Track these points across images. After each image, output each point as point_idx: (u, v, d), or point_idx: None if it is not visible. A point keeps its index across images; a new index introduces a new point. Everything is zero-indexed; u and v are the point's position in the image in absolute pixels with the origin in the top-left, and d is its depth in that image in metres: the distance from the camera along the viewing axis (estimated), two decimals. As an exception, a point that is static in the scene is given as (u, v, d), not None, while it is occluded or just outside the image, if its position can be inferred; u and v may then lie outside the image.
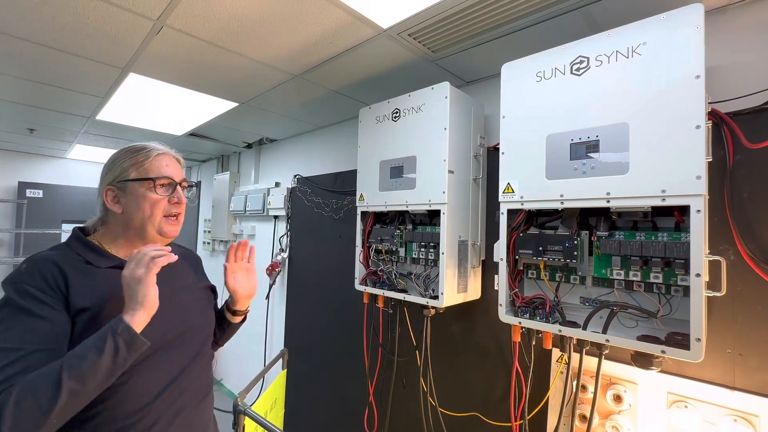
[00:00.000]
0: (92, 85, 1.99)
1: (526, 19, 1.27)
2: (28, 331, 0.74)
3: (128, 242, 0.94)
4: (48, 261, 0.82)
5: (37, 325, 0.75)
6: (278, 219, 3.00)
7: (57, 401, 0.67)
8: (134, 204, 0.91)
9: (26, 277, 0.79)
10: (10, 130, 3.11)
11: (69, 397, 0.69)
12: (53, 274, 0.80)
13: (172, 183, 0.95)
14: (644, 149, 0.96)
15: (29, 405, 0.67)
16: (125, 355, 0.74)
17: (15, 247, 3.95)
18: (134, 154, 0.94)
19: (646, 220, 1.05)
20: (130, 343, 0.75)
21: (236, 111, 2.35)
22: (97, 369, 0.71)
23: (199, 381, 0.98)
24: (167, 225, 0.94)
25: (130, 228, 0.93)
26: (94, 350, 0.72)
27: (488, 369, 1.61)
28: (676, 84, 0.93)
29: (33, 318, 0.75)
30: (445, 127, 1.41)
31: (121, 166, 0.93)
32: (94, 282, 0.84)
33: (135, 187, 0.91)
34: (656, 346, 0.94)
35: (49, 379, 0.68)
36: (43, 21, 1.37)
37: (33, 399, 0.67)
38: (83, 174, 4.50)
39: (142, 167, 0.92)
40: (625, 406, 1.19)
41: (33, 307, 0.76)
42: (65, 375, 0.68)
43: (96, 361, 0.71)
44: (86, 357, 0.71)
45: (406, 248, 1.63)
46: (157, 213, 0.92)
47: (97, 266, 0.87)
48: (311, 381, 2.48)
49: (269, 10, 1.26)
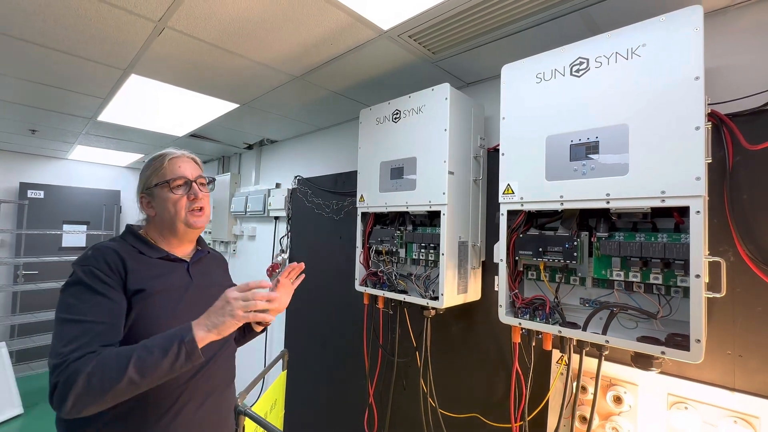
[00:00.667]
0: (94, 87, 2.00)
1: (525, 21, 1.28)
2: (94, 305, 0.87)
3: (166, 239, 1.07)
4: (110, 249, 0.95)
5: (101, 301, 0.87)
6: (279, 220, 3.01)
7: (117, 384, 0.76)
8: (161, 206, 1.04)
9: (93, 261, 0.91)
10: (12, 131, 3.12)
11: (127, 385, 0.77)
12: (114, 260, 0.93)
13: (187, 182, 1.05)
14: (644, 150, 0.97)
15: (97, 380, 0.76)
16: (183, 363, 0.82)
17: (16, 248, 3.95)
18: (153, 162, 1.07)
19: (646, 221, 1.05)
20: (190, 354, 0.82)
21: (237, 112, 2.35)
22: (157, 367, 0.79)
23: (225, 369, 1.08)
24: (192, 217, 1.05)
25: (164, 226, 1.05)
26: (160, 349, 0.80)
27: (488, 370, 1.61)
28: (675, 85, 0.93)
29: (97, 296, 0.88)
30: (445, 129, 1.41)
31: (146, 175, 1.07)
32: (147, 269, 0.97)
33: (158, 192, 1.04)
34: (656, 347, 0.94)
35: (118, 363, 0.78)
36: (45, 23, 1.38)
37: (101, 376, 0.77)
38: (84, 175, 4.51)
39: (160, 172, 1.05)
40: (625, 408, 1.19)
41: (98, 286, 0.88)
42: (132, 364, 0.78)
43: (159, 360, 0.79)
44: (152, 353, 0.80)
45: (406, 249, 1.63)
46: (180, 210, 1.03)
47: (149, 256, 1.00)
48: (311, 382, 2.48)
49: (270, 12, 1.27)
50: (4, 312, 3.94)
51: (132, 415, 0.90)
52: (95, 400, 0.77)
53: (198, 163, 1.13)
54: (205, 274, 1.12)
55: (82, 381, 0.75)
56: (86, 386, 0.76)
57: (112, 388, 0.76)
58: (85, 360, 0.78)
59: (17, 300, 3.89)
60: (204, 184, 1.11)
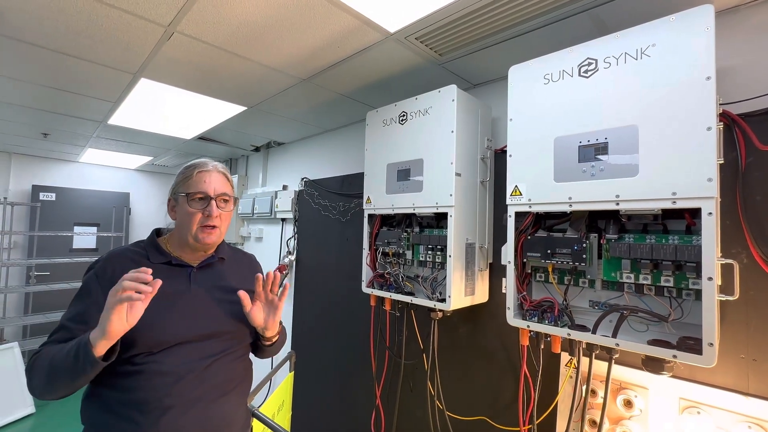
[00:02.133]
0: (105, 90, 2.03)
1: (533, 22, 1.27)
2: (78, 313, 0.94)
3: (180, 245, 1.08)
4: (116, 255, 1.02)
5: (82, 311, 0.94)
6: (286, 222, 3.02)
7: (44, 384, 0.88)
8: (181, 214, 1.06)
9: (97, 268, 0.98)
10: (25, 135, 3.18)
11: (51, 384, 0.87)
12: (113, 268, 0.97)
13: (205, 197, 1.05)
14: (654, 151, 0.96)
15: (35, 379, 0.89)
16: (83, 368, 0.83)
17: (29, 249, 4.02)
18: (185, 170, 1.08)
19: (657, 223, 1.04)
20: (92, 363, 0.83)
21: (244, 115, 2.37)
22: (66, 370, 0.85)
23: (223, 377, 1.02)
24: (201, 233, 1.04)
25: (181, 234, 1.07)
26: (67, 354, 0.85)
27: (496, 372, 1.60)
28: (686, 85, 0.92)
29: (83, 303, 0.95)
30: (452, 130, 1.41)
31: (176, 181, 1.09)
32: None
33: (181, 200, 1.06)
34: (667, 350, 0.93)
35: (42, 365, 0.87)
36: (58, 28, 1.40)
37: (36, 375, 0.88)
38: (95, 177, 4.57)
39: (187, 182, 1.06)
40: (635, 412, 1.17)
41: (87, 295, 0.95)
42: (48, 367, 0.86)
43: (68, 365, 0.84)
44: (65, 358, 0.85)
45: (413, 251, 1.63)
46: (192, 224, 1.04)
47: (151, 261, 1.03)
48: (318, 383, 2.49)
49: (278, 16, 1.28)
50: (17, 312, 4.01)
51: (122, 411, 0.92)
52: (41, 393, 0.90)
53: (228, 179, 1.12)
54: (212, 278, 1.09)
55: (28, 380, 0.91)
56: (29, 383, 0.91)
57: (41, 386, 0.89)
58: (36, 358, 0.90)
59: (29, 301, 3.95)
60: (226, 200, 1.09)
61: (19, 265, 3.96)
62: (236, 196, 1.14)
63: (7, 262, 3.62)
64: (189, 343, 0.98)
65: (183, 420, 0.93)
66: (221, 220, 1.07)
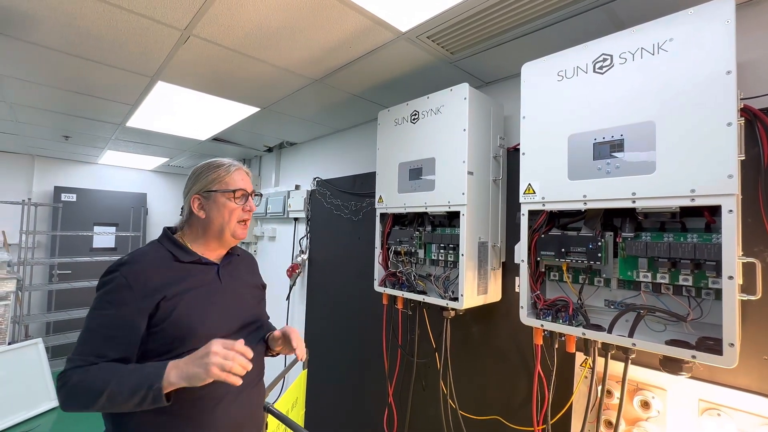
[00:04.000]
0: (123, 94, 2.09)
1: (547, 18, 1.26)
2: (106, 317, 0.92)
3: (206, 242, 1.10)
4: (144, 256, 1.00)
5: (112, 315, 0.92)
6: (298, 221, 3.05)
7: (90, 408, 0.86)
8: (216, 211, 1.07)
9: (124, 270, 0.95)
10: (48, 138, 3.28)
11: (101, 409, 0.86)
12: (146, 267, 0.97)
13: (245, 194, 1.11)
14: (672, 148, 0.94)
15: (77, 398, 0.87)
16: (149, 405, 0.85)
17: (51, 249, 4.15)
18: (216, 169, 1.10)
19: (675, 221, 1.02)
20: (156, 399, 0.85)
21: (258, 116, 2.40)
22: (124, 404, 0.85)
23: (255, 366, 1.07)
24: (239, 229, 1.10)
25: (209, 231, 1.09)
26: (129, 390, 0.84)
27: (509, 372, 1.59)
28: (705, 80, 0.90)
29: (112, 308, 0.92)
30: (464, 129, 1.41)
31: (207, 179, 1.09)
32: (176, 274, 1.01)
33: (217, 197, 1.08)
34: (686, 350, 0.91)
35: (93, 388, 0.85)
36: (79, 34, 1.45)
37: (79, 395, 0.86)
38: (113, 178, 4.69)
39: (223, 180, 1.09)
40: (653, 413, 1.15)
41: (115, 298, 0.93)
42: (105, 395, 0.84)
43: (127, 399, 0.85)
44: (122, 393, 0.84)
45: (425, 250, 1.63)
46: (233, 219, 1.08)
47: (182, 261, 1.04)
48: (331, 381, 2.51)
49: (291, 18, 1.29)
50: (40, 310, 4.14)
51: (172, 407, 0.92)
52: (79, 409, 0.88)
53: (251, 177, 1.18)
54: (234, 276, 1.15)
55: (63, 396, 0.88)
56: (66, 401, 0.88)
57: (88, 407, 0.87)
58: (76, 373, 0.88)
59: (52, 298, 4.08)
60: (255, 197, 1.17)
61: (43, 264, 4.09)
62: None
63: (31, 261, 3.75)
64: (229, 336, 1.02)
65: (234, 407, 1.01)
66: (251, 215, 1.15)
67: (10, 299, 3.18)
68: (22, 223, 3.70)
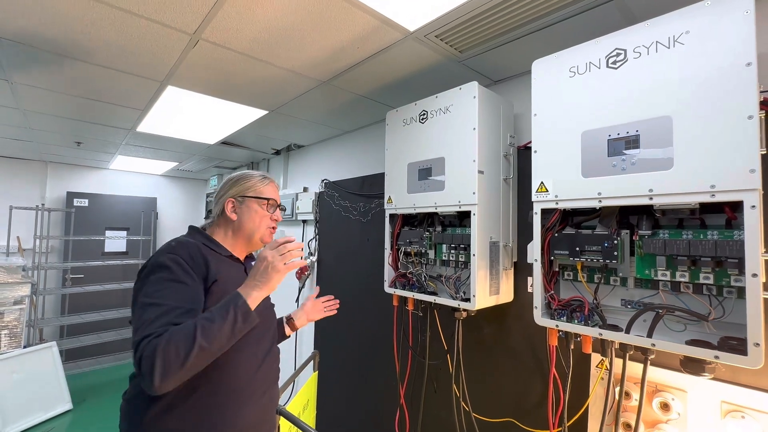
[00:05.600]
0: (133, 99, 2.11)
1: (557, 14, 1.24)
2: (175, 291, 0.94)
3: (234, 243, 1.17)
4: (191, 242, 1.05)
5: (181, 288, 0.95)
6: (307, 223, 3.06)
7: (191, 352, 0.83)
8: (248, 215, 1.15)
9: (178, 250, 1.01)
10: (60, 144, 3.33)
11: (199, 351, 0.84)
12: (195, 253, 1.02)
13: (275, 204, 1.21)
14: (690, 143, 0.91)
15: (172, 351, 0.82)
16: (241, 325, 0.91)
17: (64, 253, 4.21)
18: (252, 178, 1.20)
19: (694, 218, 0.99)
20: (246, 316, 0.92)
21: (265, 118, 2.41)
22: (220, 332, 0.87)
23: (276, 366, 1.19)
24: (267, 235, 1.19)
25: (239, 233, 1.16)
26: (219, 316, 0.89)
27: (522, 373, 1.56)
28: (724, 73, 0.88)
29: (178, 283, 0.96)
30: (474, 128, 1.39)
31: (243, 185, 1.17)
32: (220, 263, 1.08)
33: (251, 203, 1.16)
34: (709, 351, 0.88)
35: (186, 334, 0.85)
36: (92, 41, 1.46)
37: (175, 347, 0.83)
38: (124, 183, 4.75)
39: (258, 189, 1.18)
40: (673, 415, 1.13)
41: (180, 274, 0.97)
42: (198, 332, 0.85)
43: (221, 325, 0.88)
44: (214, 321, 0.88)
45: (435, 250, 1.61)
46: (263, 225, 1.17)
47: (219, 253, 1.11)
48: (342, 383, 2.50)
49: (299, 19, 1.29)
50: (54, 313, 4.20)
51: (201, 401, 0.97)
52: (176, 370, 0.82)
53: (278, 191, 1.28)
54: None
55: (161, 353, 0.81)
56: (164, 357, 0.81)
57: (187, 355, 0.82)
58: (158, 338, 0.84)
59: (66, 302, 4.14)
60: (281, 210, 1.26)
61: (56, 269, 4.15)
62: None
63: (45, 265, 3.81)
64: (255, 330, 1.06)
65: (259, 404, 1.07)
66: (277, 224, 1.24)
67: (25, 303, 3.23)
68: (36, 228, 3.76)
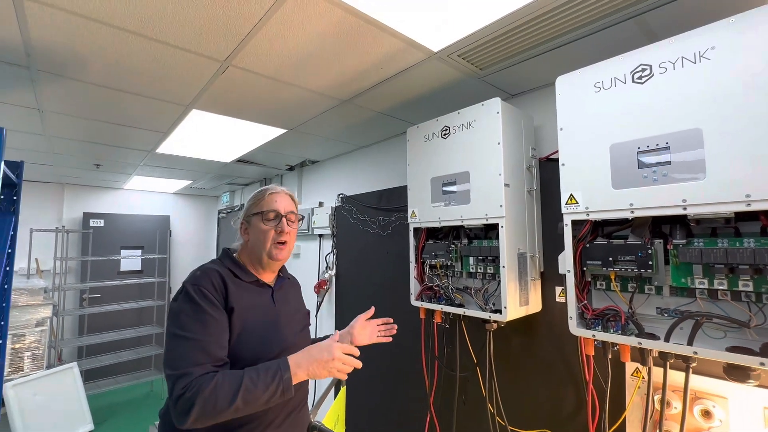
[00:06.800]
0: (157, 123, 2.17)
1: (577, 32, 1.28)
2: (204, 324, 0.96)
3: (254, 265, 1.15)
4: (214, 271, 1.05)
5: (208, 320, 0.96)
6: (323, 237, 3.09)
7: (227, 410, 0.87)
8: (254, 234, 1.13)
9: (202, 281, 1.01)
10: (80, 167, 3.41)
11: (233, 411, 0.88)
12: (218, 282, 1.02)
13: (277, 215, 1.14)
14: (722, 153, 0.94)
15: (211, 403, 0.86)
16: (278, 398, 0.92)
17: (82, 274, 4.26)
18: (256, 194, 1.18)
19: (728, 227, 1.01)
20: (285, 391, 0.92)
21: (283, 136, 2.46)
22: (258, 399, 0.89)
23: (303, 388, 1.16)
24: (274, 250, 1.13)
25: (253, 254, 1.14)
26: (263, 383, 0.90)
27: (554, 383, 1.57)
28: (755, 84, 0.90)
29: (206, 315, 0.97)
30: (498, 142, 1.43)
31: (250, 204, 1.17)
32: (241, 291, 1.07)
33: (254, 220, 1.14)
34: (753, 357, 0.89)
35: (229, 390, 0.87)
36: (123, 70, 1.52)
37: (214, 400, 0.86)
38: (138, 203, 4.82)
39: (259, 204, 1.15)
40: (715, 423, 1.13)
41: (206, 306, 0.97)
42: (240, 395, 0.87)
43: (261, 393, 0.89)
44: (257, 386, 0.89)
45: (462, 262, 1.63)
46: (267, 240, 1.12)
47: (242, 279, 1.09)
48: (369, 398, 2.49)
49: (329, 44, 1.34)
50: (72, 334, 4.23)
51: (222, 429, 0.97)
52: (208, 420, 0.87)
53: (294, 200, 1.21)
54: (286, 300, 1.21)
55: (201, 402, 0.85)
56: (203, 407, 0.85)
57: (223, 411, 0.87)
58: (205, 380, 0.88)
59: (84, 322, 4.17)
60: (293, 221, 1.19)
61: (74, 289, 4.20)
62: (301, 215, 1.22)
63: (64, 286, 3.85)
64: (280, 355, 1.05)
65: (282, 428, 1.05)
66: (290, 236, 1.17)
67: (46, 324, 3.26)
68: (56, 250, 3.81)
